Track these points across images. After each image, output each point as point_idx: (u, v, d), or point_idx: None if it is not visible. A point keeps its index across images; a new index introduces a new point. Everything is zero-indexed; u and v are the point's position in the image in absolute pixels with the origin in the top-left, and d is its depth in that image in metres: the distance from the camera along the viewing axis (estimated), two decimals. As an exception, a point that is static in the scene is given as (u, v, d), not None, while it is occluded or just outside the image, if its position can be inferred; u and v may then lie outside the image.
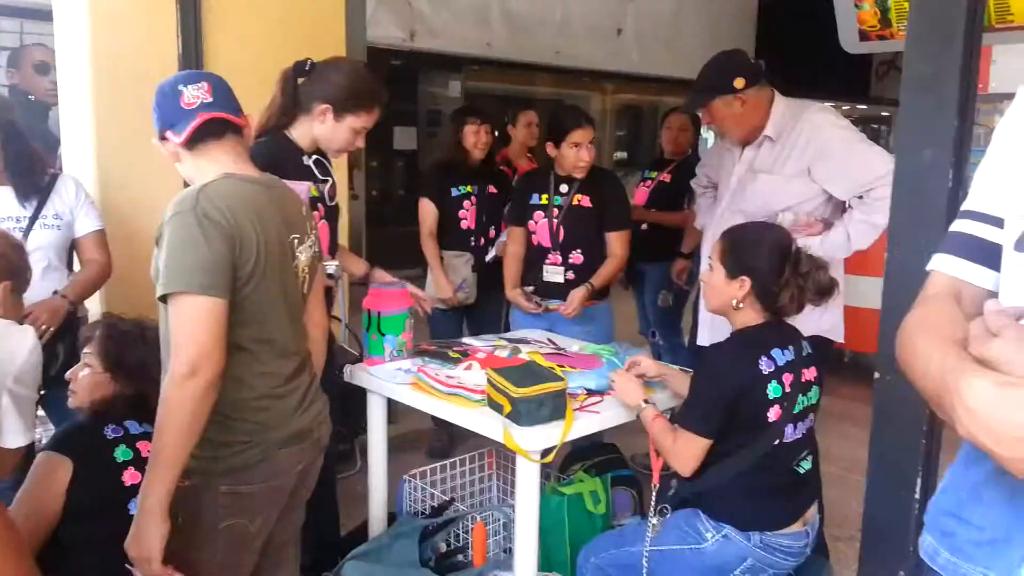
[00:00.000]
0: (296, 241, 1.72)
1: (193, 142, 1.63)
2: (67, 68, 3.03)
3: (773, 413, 1.92)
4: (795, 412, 1.95)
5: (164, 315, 1.58)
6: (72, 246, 2.58)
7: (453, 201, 3.60)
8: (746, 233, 2.07)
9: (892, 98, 8.64)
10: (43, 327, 2.30)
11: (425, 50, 6.95)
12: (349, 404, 2.64)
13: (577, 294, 3.07)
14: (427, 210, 3.60)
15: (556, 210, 3.17)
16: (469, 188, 3.61)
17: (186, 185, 1.67)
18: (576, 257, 3.16)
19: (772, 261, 1.94)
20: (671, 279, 4.00)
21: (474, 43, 7.23)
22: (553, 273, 3.17)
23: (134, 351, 1.90)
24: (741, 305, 1.99)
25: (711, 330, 2.78)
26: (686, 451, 1.93)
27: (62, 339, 2.39)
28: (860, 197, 2.54)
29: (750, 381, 1.90)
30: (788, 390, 1.94)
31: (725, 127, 2.74)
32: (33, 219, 2.44)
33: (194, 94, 1.64)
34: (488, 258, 3.64)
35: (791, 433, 1.95)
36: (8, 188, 2.40)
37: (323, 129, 2.27)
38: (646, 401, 2.07)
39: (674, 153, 4.28)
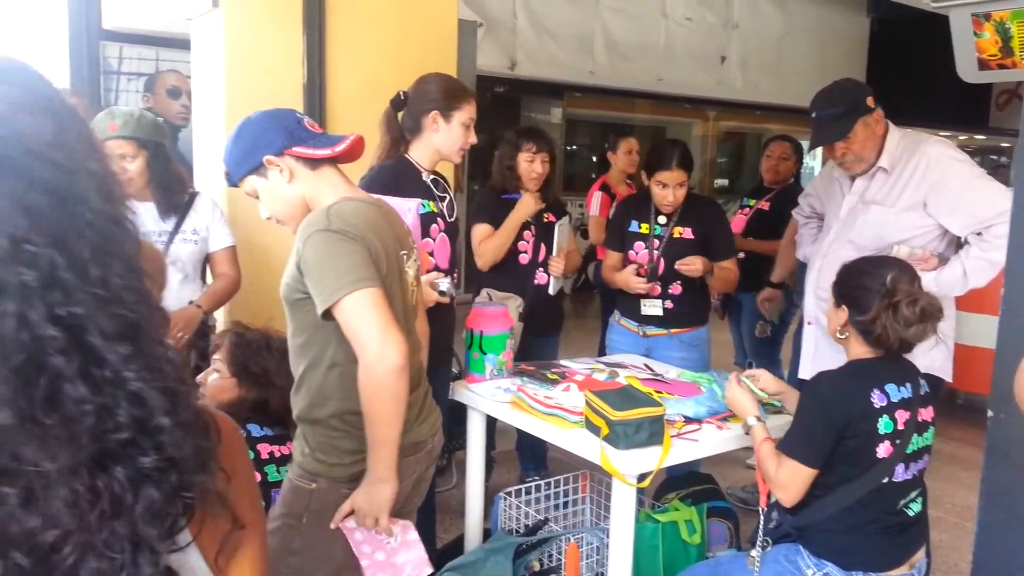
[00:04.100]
0: (405, 256, 1.83)
1: (317, 163, 1.75)
2: (202, 93, 3.27)
3: (883, 449, 1.87)
4: (908, 452, 1.90)
5: (295, 325, 1.70)
6: (206, 259, 2.78)
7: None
8: (856, 264, 2.06)
9: (1013, 128, 8.26)
10: (179, 334, 2.49)
11: (528, 78, 7.11)
12: (449, 421, 2.73)
13: (700, 259, 2.98)
14: (484, 233, 3.16)
15: (656, 241, 3.11)
16: (529, 218, 3.20)
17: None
18: (675, 288, 3.10)
19: (867, 293, 1.92)
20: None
21: (576, 71, 7.35)
22: (651, 306, 3.11)
23: (259, 358, 2.04)
24: (845, 335, 1.98)
25: (813, 362, 2.73)
26: (790, 480, 1.89)
27: (195, 345, 2.58)
28: (978, 234, 2.47)
29: (859, 412, 1.86)
30: (902, 428, 1.88)
31: (865, 152, 2.60)
32: (173, 233, 2.65)
33: (311, 123, 1.79)
34: (552, 290, 3.26)
35: (902, 473, 1.90)
36: (152, 204, 2.61)
37: (440, 136, 2.43)
38: (758, 418, 2.03)
39: (774, 181, 4.22)
